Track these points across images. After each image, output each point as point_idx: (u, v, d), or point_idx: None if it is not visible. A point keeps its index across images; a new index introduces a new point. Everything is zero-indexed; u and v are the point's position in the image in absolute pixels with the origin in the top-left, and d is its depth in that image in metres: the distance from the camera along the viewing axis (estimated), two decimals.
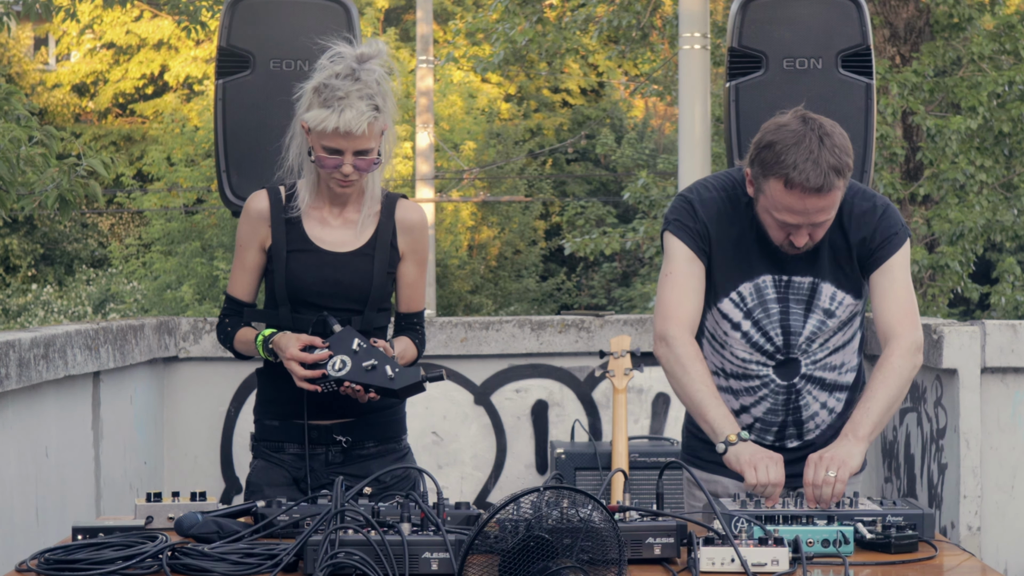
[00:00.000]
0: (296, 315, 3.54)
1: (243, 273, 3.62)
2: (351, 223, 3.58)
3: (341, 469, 3.58)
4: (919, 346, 3.36)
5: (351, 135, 3.42)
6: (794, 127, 3.22)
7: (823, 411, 3.50)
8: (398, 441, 3.69)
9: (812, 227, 3.27)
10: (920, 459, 5.41)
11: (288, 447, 3.61)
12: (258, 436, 3.67)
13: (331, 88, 3.42)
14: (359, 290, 3.55)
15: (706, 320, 3.49)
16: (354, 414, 3.59)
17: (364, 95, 3.42)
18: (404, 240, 3.61)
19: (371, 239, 3.57)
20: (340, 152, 3.45)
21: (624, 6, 15.00)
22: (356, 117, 3.40)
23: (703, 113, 8.59)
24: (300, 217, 3.56)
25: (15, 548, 4.04)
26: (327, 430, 3.59)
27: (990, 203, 13.29)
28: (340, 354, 3.41)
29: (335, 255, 3.55)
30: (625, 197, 16.27)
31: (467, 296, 26.14)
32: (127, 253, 26.30)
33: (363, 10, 26.30)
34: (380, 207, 3.60)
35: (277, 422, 3.62)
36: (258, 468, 3.64)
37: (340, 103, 3.40)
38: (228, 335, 3.65)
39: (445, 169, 25.73)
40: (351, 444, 3.60)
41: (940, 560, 2.87)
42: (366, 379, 3.40)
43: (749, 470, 3.17)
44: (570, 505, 2.56)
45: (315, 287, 3.53)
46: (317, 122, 3.42)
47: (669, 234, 3.43)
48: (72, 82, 28.21)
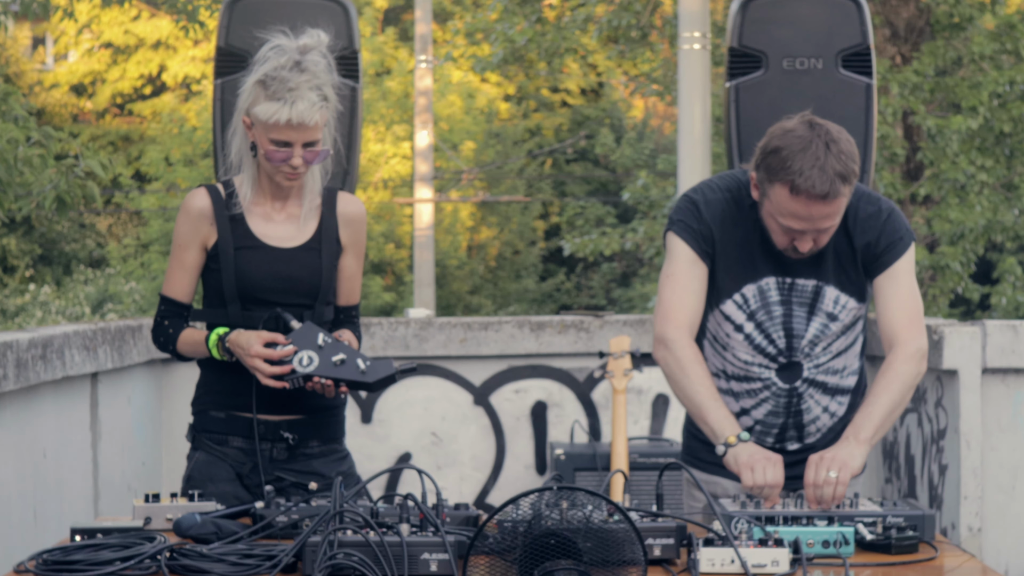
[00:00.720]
0: (247, 312, 3.50)
1: (182, 273, 3.56)
2: (294, 218, 3.54)
3: (286, 466, 3.56)
4: (924, 353, 3.36)
5: (303, 126, 3.38)
6: (800, 133, 3.20)
7: (824, 415, 3.49)
8: (339, 442, 3.67)
9: (817, 233, 3.26)
10: (921, 460, 5.40)
11: (232, 440, 3.56)
12: (199, 427, 3.61)
13: (279, 80, 3.38)
14: (309, 285, 3.52)
15: (708, 322, 3.48)
16: (302, 412, 3.56)
17: (313, 85, 3.39)
18: (346, 233, 3.59)
19: (316, 233, 3.55)
20: (289, 144, 3.41)
21: (624, 6, 15.00)
22: (308, 108, 3.37)
23: (703, 113, 8.59)
24: (243, 214, 3.52)
25: (13, 549, 4.03)
26: (275, 426, 3.55)
27: (991, 203, 13.29)
28: (305, 350, 3.37)
29: (282, 250, 3.52)
30: (625, 197, 16.29)
31: (466, 296, 26.14)
32: (125, 253, 26.29)
33: (362, 9, 26.30)
34: (320, 200, 3.57)
35: (222, 414, 3.57)
36: (200, 462, 3.59)
37: (291, 95, 3.36)
38: (170, 337, 3.56)
39: (444, 169, 25.73)
40: (297, 442, 3.57)
41: (941, 561, 2.86)
42: (337, 373, 3.36)
43: (747, 471, 3.16)
44: (581, 507, 2.55)
45: (266, 283, 3.50)
46: (268, 115, 3.38)
47: (672, 234, 3.42)
48: (70, 82, 28.20)
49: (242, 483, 3.55)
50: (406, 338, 5.97)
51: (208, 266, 3.55)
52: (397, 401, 6.03)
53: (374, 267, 25.06)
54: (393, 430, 6.04)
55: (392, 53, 27.21)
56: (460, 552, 2.68)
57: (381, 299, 23.99)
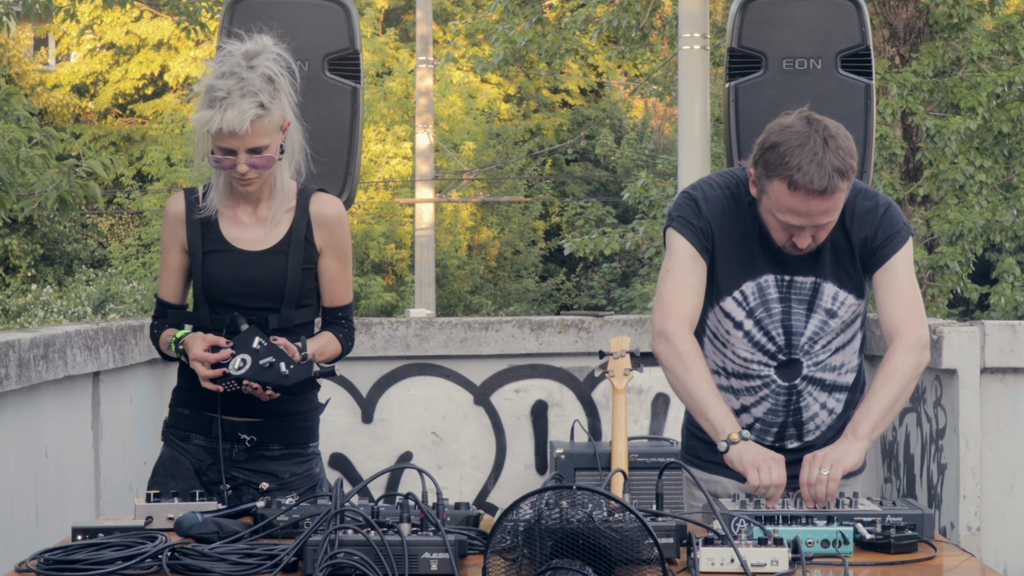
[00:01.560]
0: (215, 315, 3.54)
1: (168, 275, 3.63)
2: (264, 220, 3.55)
3: (243, 466, 3.60)
4: (924, 343, 3.35)
5: (236, 134, 3.38)
6: (798, 128, 3.21)
7: (823, 412, 3.50)
8: (304, 447, 3.68)
9: (815, 229, 3.27)
10: (920, 459, 5.41)
11: (194, 437, 3.62)
12: (168, 423, 3.69)
13: (214, 88, 3.38)
14: (273, 288, 3.53)
15: (708, 319, 3.48)
16: (263, 415, 3.59)
17: (247, 92, 3.36)
18: (320, 235, 3.58)
19: (285, 236, 3.55)
20: (234, 152, 3.42)
21: (624, 6, 15.00)
22: (238, 116, 3.35)
23: (703, 113, 8.60)
24: (215, 217, 3.55)
25: (15, 548, 4.03)
26: (234, 427, 3.59)
27: (989, 203, 13.29)
28: (241, 353, 3.42)
29: (248, 254, 3.53)
30: (625, 197, 16.28)
31: (466, 296, 26.14)
32: (127, 253, 26.29)
33: (363, 10, 26.30)
34: (295, 203, 3.57)
35: (187, 411, 3.63)
36: (164, 458, 3.66)
37: (222, 103, 3.36)
38: (155, 336, 3.67)
39: (445, 169, 25.74)
40: (255, 444, 3.60)
41: (939, 560, 2.87)
42: (263, 377, 3.41)
43: (752, 471, 3.17)
44: (583, 507, 2.55)
45: (230, 287, 3.52)
46: (202, 123, 3.39)
47: (672, 231, 3.42)
48: (72, 82, 28.21)
49: (200, 480, 3.60)
50: (407, 338, 5.98)
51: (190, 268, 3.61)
52: (398, 401, 6.04)
53: (375, 267, 25.06)
54: (394, 430, 6.05)
55: (393, 54, 27.22)
56: (461, 551, 2.69)
57: (382, 299, 23.99)
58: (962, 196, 13.34)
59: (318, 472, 3.71)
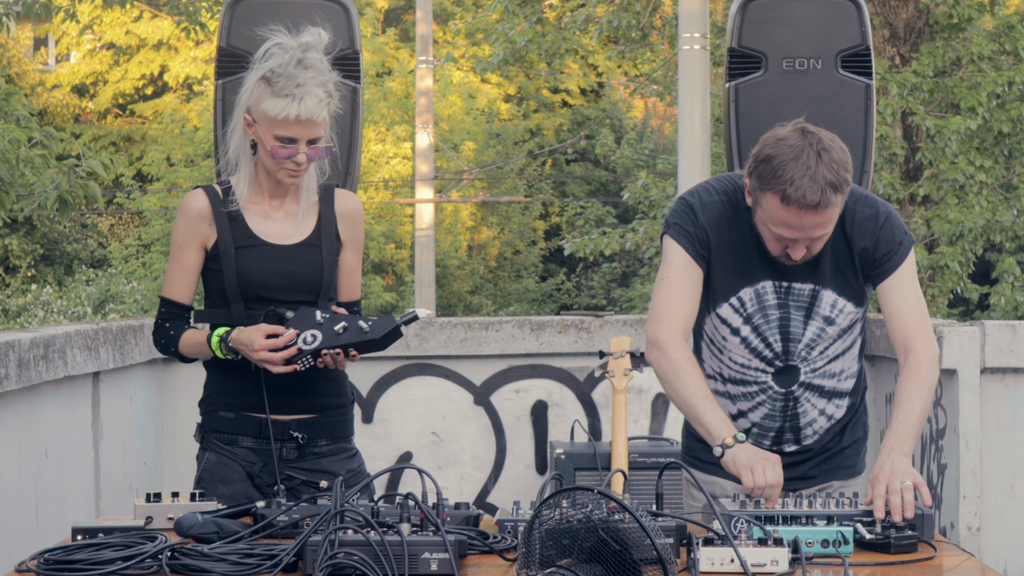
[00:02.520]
0: (250, 311, 3.50)
1: (182, 274, 3.55)
2: (292, 215, 3.55)
3: (295, 465, 3.57)
4: (937, 357, 3.37)
5: (311, 123, 3.40)
6: (792, 141, 3.19)
7: (821, 417, 3.50)
8: (348, 440, 3.68)
9: (809, 241, 3.26)
10: (920, 459, 5.41)
11: (242, 440, 3.57)
12: (208, 427, 3.61)
13: (285, 77, 3.39)
14: (311, 281, 3.52)
15: (705, 324, 3.48)
16: (311, 411, 3.58)
17: (319, 82, 3.41)
18: (344, 228, 3.60)
19: (315, 229, 3.56)
20: (295, 141, 3.42)
21: (624, 6, 15.01)
22: (316, 104, 3.39)
23: (703, 113, 8.59)
24: (241, 212, 3.53)
25: (15, 548, 4.04)
26: (284, 425, 3.55)
27: (990, 203, 13.30)
28: (307, 330, 3.38)
29: (282, 248, 3.52)
30: (625, 197, 16.29)
31: (466, 296, 26.14)
32: (127, 253, 26.30)
33: (363, 10, 26.30)
34: (317, 198, 3.58)
35: (232, 414, 3.57)
36: (211, 463, 3.60)
37: (299, 90, 3.38)
38: (171, 338, 3.55)
39: (445, 169, 25.74)
40: (307, 441, 3.58)
41: (939, 561, 2.87)
42: (341, 341, 3.37)
43: (746, 473, 3.17)
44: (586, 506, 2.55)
45: (268, 281, 3.50)
46: (277, 111, 3.38)
47: (668, 238, 3.42)
48: (72, 83, 28.21)
49: (253, 483, 3.56)
50: (407, 338, 5.98)
51: (208, 266, 3.55)
52: (398, 401, 6.04)
53: (375, 267, 25.06)
54: (394, 429, 6.05)
55: (393, 54, 27.23)
56: (461, 551, 2.69)
57: (382, 299, 24.00)
58: (962, 196, 13.35)
59: (365, 470, 3.70)
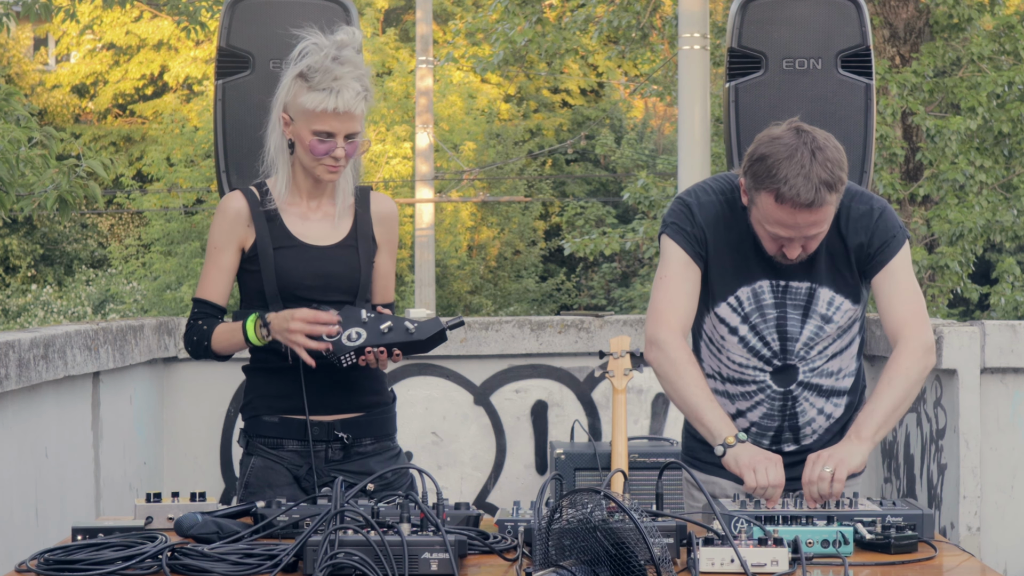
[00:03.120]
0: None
1: (218, 275, 3.55)
2: (329, 216, 3.57)
3: (341, 466, 3.57)
4: (929, 347, 3.34)
5: (349, 115, 3.43)
6: (787, 140, 3.19)
7: (820, 416, 3.50)
8: (391, 439, 3.69)
9: (804, 240, 3.26)
10: (920, 459, 5.41)
11: (287, 444, 3.57)
12: (252, 432, 3.61)
13: (322, 71, 3.42)
14: (348, 281, 3.54)
15: (704, 324, 3.48)
16: (354, 410, 3.59)
17: (355, 75, 3.44)
18: (380, 231, 3.62)
19: (351, 231, 3.58)
20: (332, 135, 3.45)
21: (624, 6, 15.01)
22: (353, 97, 3.42)
23: (703, 113, 8.59)
24: (278, 213, 3.55)
25: (15, 548, 4.04)
26: (328, 426, 3.56)
27: (990, 203, 13.29)
28: (352, 327, 3.38)
29: (320, 248, 3.54)
30: (625, 197, 16.28)
31: (467, 296, 26.14)
32: (127, 253, 26.31)
33: (363, 10, 26.30)
34: (353, 200, 3.60)
35: (275, 419, 3.58)
36: (256, 468, 3.59)
37: (336, 83, 3.41)
38: (204, 333, 3.54)
39: (445, 169, 25.74)
40: (352, 441, 3.58)
41: (940, 560, 2.87)
42: (386, 340, 3.37)
43: (749, 473, 3.17)
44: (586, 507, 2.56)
45: (306, 281, 3.51)
46: (315, 104, 3.41)
47: (666, 237, 3.42)
48: (72, 83, 28.22)
49: (300, 486, 3.56)
50: None
51: (245, 267, 3.56)
52: (398, 401, 6.04)
53: None
54: None
55: (393, 54, 27.23)
56: (461, 551, 2.69)
57: None
58: (962, 196, 13.34)
59: (409, 470, 3.70)
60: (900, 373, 3.29)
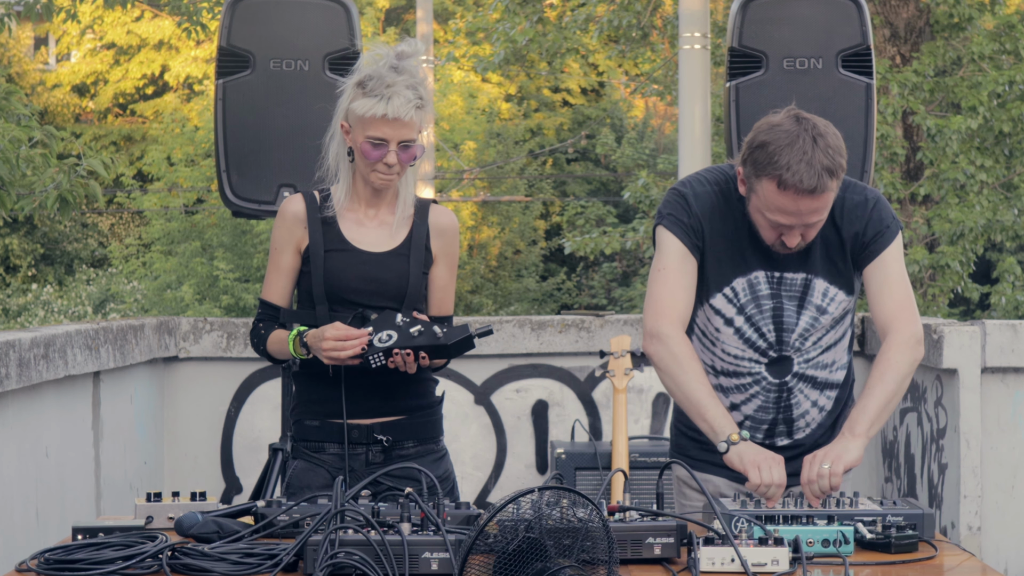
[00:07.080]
0: (334, 313, 3.56)
1: (278, 276, 3.64)
2: (386, 224, 3.62)
3: (381, 468, 3.58)
4: (918, 338, 3.35)
5: (399, 121, 3.47)
6: (787, 127, 3.21)
7: (813, 409, 3.50)
8: (436, 442, 3.71)
9: (804, 228, 3.27)
10: (920, 459, 5.41)
11: (328, 447, 3.62)
12: (297, 436, 3.69)
13: (376, 79, 3.49)
14: (397, 288, 3.58)
15: (697, 316, 3.47)
16: (394, 413, 3.62)
17: (409, 85, 3.49)
18: (437, 243, 3.66)
19: (406, 240, 3.62)
20: (385, 142, 3.49)
21: (624, 6, 15.00)
22: (404, 104, 3.46)
23: (703, 113, 8.59)
24: (336, 218, 3.61)
25: (15, 548, 4.04)
26: (368, 429, 3.60)
27: (990, 203, 13.29)
28: (384, 330, 3.44)
29: (371, 254, 3.59)
30: (625, 197, 16.28)
31: (467, 296, 26.14)
32: (127, 253, 26.29)
33: (363, 10, 26.30)
34: (412, 211, 3.64)
35: (317, 422, 3.63)
36: (298, 470, 3.66)
37: (388, 90, 3.47)
38: (262, 337, 3.66)
39: (445, 169, 25.73)
40: (392, 444, 3.61)
41: (940, 560, 2.87)
42: (414, 343, 3.42)
43: (753, 471, 3.17)
44: (569, 505, 2.56)
45: (354, 284, 3.56)
46: (365, 110, 3.47)
47: (662, 228, 3.41)
48: (72, 82, 28.21)
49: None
50: None
51: (301, 269, 3.63)
52: None
53: None
54: None
55: None
56: (461, 551, 2.69)
57: None
58: (963, 196, 13.34)
59: (453, 473, 3.73)
60: (891, 367, 3.30)
